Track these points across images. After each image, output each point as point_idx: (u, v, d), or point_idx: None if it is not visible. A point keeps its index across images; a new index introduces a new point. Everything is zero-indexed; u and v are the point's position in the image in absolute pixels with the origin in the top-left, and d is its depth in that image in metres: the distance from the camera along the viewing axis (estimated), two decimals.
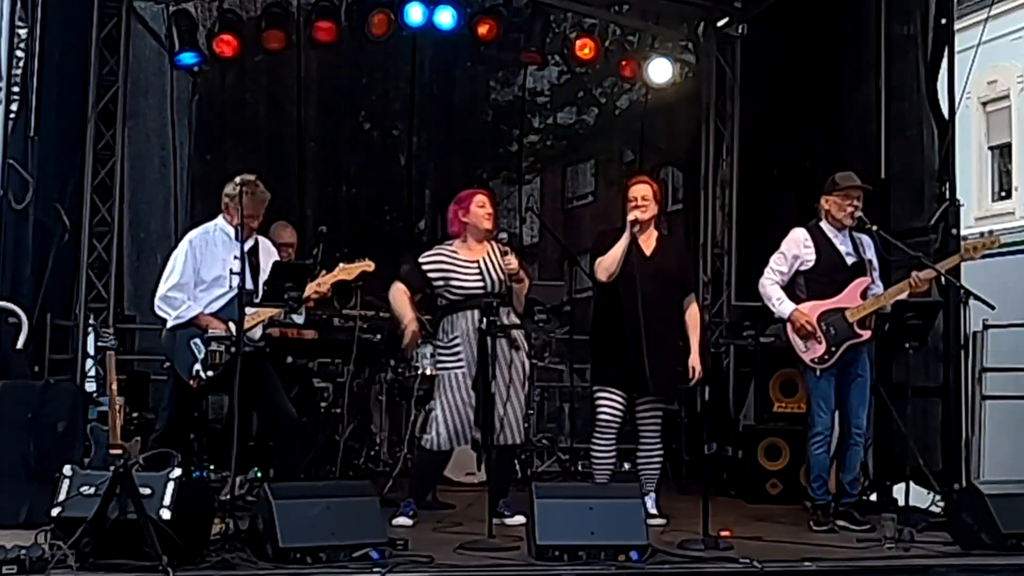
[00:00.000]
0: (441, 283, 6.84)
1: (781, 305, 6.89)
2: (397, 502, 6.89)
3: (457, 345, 6.77)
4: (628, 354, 6.76)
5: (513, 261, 6.72)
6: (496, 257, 6.83)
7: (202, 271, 6.53)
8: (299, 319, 6.89)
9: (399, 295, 6.87)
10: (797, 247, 6.94)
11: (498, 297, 6.74)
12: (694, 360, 6.91)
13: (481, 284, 6.77)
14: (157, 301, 6.55)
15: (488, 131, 12.13)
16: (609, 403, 6.87)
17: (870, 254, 6.97)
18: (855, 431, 6.92)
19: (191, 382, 6.43)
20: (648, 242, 6.94)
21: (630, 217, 6.85)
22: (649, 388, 6.81)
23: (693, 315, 7.00)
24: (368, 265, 6.79)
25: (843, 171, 7.09)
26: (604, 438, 6.91)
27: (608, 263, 6.82)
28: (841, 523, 6.80)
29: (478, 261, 6.83)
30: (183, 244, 6.61)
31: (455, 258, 6.86)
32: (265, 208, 6.66)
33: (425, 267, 6.88)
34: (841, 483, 6.96)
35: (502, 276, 6.78)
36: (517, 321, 6.88)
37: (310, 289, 6.52)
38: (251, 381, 6.24)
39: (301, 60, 10.26)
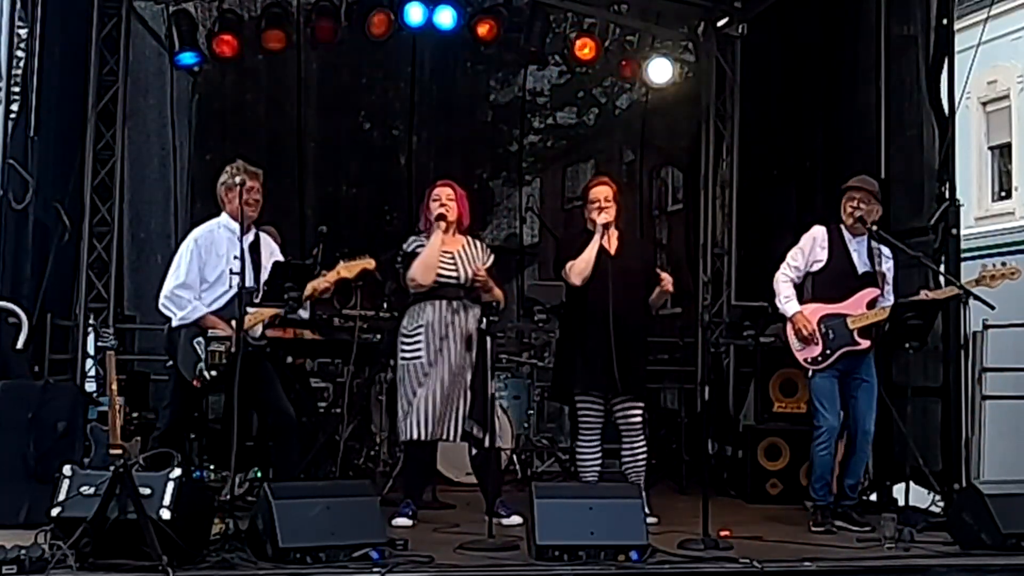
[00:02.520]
0: None
1: (787, 304, 6.89)
2: (397, 502, 6.90)
3: (419, 334, 6.80)
4: (600, 355, 6.76)
5: (481, 270, 6.78)
6: (471, 251, 6.88)
7: (206, 270, 6.52)
8: (304, 314, 6.86)
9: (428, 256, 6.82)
10: (812, 244, 6.94)
11: (469, 291, 6.79)
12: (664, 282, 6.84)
13: (455, 275, 6.80)
14: (162, 299, 6.53)
15: (488, 131, 12.12)
16: (589, 407, 6.89)
17: (886, 267, 6.95)
18: (862, 437, 6.91)
19: (195, 381, 6.42)
20: (611, 242, 6.93)
21: (600, 220, 6.83)
22: (619, 388, 6.80)
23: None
24: (369, 263, 6.77)
25: (850, 173, 7.09)
26: (588, 441, 6.92)
27: (581, 267, 6.82)
28: (840, 524, 6.79)
29: (452, 252, 6.87)
30: (188, 242, 6.60)
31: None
32: (261, 183, 6.63)
33: (419, 250, 6.86)
34: (842, 486, 6.95)
35: (473, 272, 6.83)
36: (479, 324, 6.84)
37: (310, 288, 6.52)
38: (251, 381, 6.24)
39: (301, 60, 10.26)
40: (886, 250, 6.98)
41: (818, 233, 6.97)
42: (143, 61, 9.66)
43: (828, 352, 6.80)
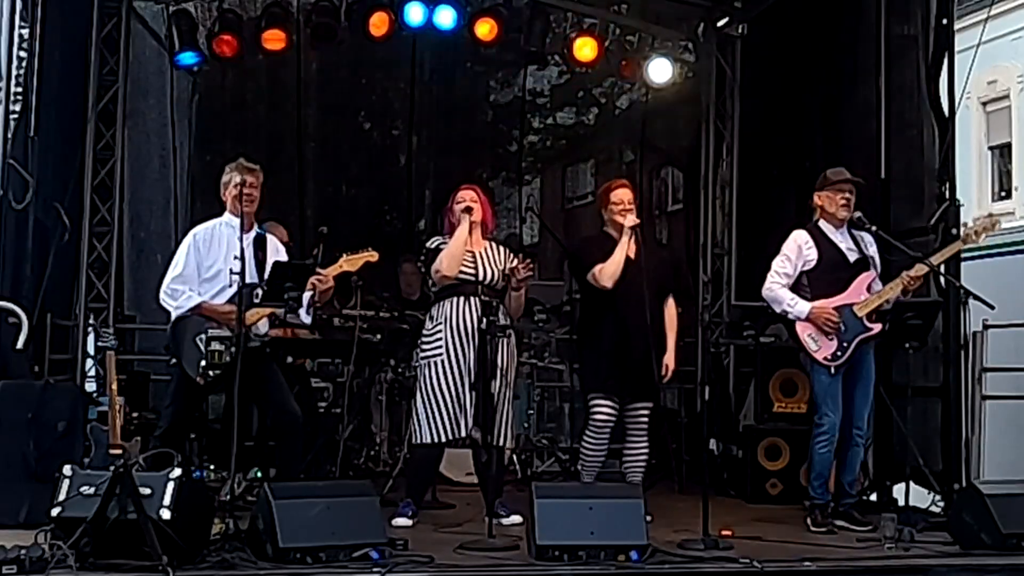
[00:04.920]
0: None
1: (797, 306, 6.82)
2: (397, 502, 6.89)
3: (438, 333, 6.77)
4: (625, 359, 6.78)
5: (522, 269, 6.73)
6: (494, 254, 6.86)
7: (204, 264, 6.52)
8: (307, 319, 6.83)
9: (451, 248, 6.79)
10: (799, 248, 6.92)
11: (494, 292, 6.76)
12: (668, 358, 6.93)
13: (473, 272, 6.78)
14: (161, 293, 6.54)
15: (488, 131, 12.15)
16: (605, 408, 6.89)
17: (872, 251, 6.96)
18: (856, 432, 6.91)
19: (199, 379, 6.42)
20: (630, 246, 6.93)
21: (628, 222, 6.85)
22: (644, 392, 6.83)
23: (671, 315, 7.03)
24: (372, 255, 6.75)
25: (836, 167, 7.08)
26: (598, 440, 6.93)
27: (613, 270, 6.81)
28: (841, 523, 6.79)
29: (475, 252, 6.83)
30: (188, 239, 6.61)
31: None
32: (261, 183, 6.63)
33: (442, 247, 6.84)
34: (841, 484, 6.95)
35: (496, 273, 6.81)
36: (507, 322, 6.84)
37: (311, 283, 6.51)
38: (254, 379, 6.24)
39: (301, 60, 10.26)
40: (867, 236, 6.97)
41: (800, 238, 6.94)
42: (143, 61, 9.66)
43: (845, 345, 6.78)
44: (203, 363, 6.39)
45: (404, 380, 8.54)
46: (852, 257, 6.92)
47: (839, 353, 6.79)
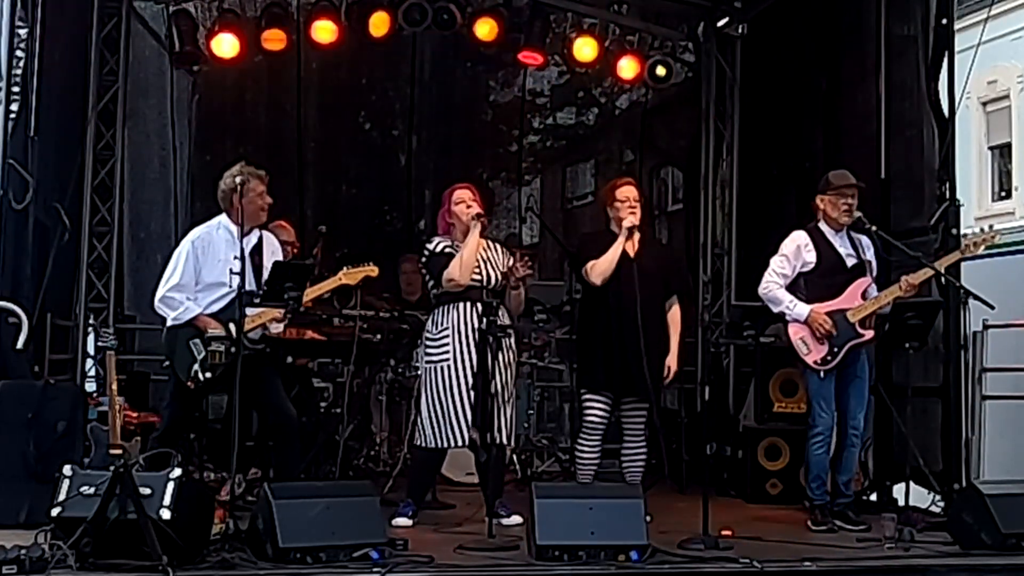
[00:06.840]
0: None
1: (796, 308, 6.85)
2: (397, 502, 6.89)
3: (445, 338, 6.76)
4: (616, 356, 6.77)
5: (521, 269, 6.72)
6: (492, 254, 6.85)
7: (203, 272, 6.50)
8: (276, 328, 6.71)
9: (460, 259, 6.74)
10: (798, 249, 6.93)
11: (497, 295, 6.75)
12: (671, 360, 6.92)
13: (480, 278, 6.77)
14: (157, 301, 6.54)
15: (488, 131, 12.13)
16: (597, 407, 6.88)
17: (869, 255, 6.98)
18: (852, 432, 6.93)
19: (188, 383, 6.43)
20: (632, 243, 6.92)
21: (627, 223, 6.84)
22: (637, 390, 6.80)
23: (674, 316, 7.02)
24: (372, 270, 6.78)
25: (839, 170, 7.09)
26: (591, 440, 6.93)
27: (604, 267, 6.81)
28: (837, 522, 6.80)
29: (478, 256, 6.82)
30: (184, 244, 6.59)
31: (456, 250, 6.85)
32: (266, 186, 6.60)
33: (447, 250, 6.82)
34: (837, 484, 6.97)
35: (498, 275, 6.81)
36: (508, 322, 6.83)
37: (311, 294, 6.51)
38: (251, 381, 6.23)
39: (301, 60, 10.26)
40: (865, 239, 6.99)
41: (801, 239, 6.96)
42: (143, 61, 9.66)
43: (836, 350, 6.80)
44: (194, 368, 6.40)
45: (404, 380, 8.54)
46: (850, 262, 6.93)
47: (828, 358, 6.81)
